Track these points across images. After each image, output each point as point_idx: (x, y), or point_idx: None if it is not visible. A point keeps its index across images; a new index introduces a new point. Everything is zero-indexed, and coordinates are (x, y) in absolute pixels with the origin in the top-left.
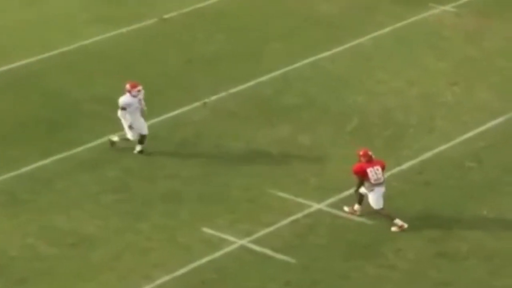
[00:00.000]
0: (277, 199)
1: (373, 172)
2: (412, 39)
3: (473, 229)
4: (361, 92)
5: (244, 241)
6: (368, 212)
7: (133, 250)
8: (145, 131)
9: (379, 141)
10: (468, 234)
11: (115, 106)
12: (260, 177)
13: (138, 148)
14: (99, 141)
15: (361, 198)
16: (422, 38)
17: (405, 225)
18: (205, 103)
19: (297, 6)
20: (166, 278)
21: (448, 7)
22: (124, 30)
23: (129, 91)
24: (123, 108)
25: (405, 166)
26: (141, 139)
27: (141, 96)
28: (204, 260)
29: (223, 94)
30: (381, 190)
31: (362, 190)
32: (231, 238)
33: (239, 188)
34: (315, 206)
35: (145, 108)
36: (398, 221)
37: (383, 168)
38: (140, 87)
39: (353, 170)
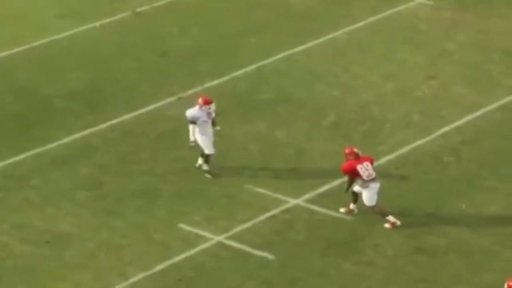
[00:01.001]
0: (254, 195)
1: (364, 169)
2: (387, 32)
3: (452, 224)
4: (337, 87)
5: (221, 238)
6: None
7: (108, 247)
8: (208, 150)
9: (356, 136)
10: (447, 229)
11: (88, 102)
12: (237, 173)
13: (200, 161)
14: (72, 137)
15: (356, 197)
16: (398, 31)
17: (398, 222)
18: (180, 98)
19: None
20: (141, 275)
21: (424, 0)
22: (96, 24)
23: (200, 106)
24: (193, 122)
25: (382, 161)
26: (206, 158)
27: (211, 110)
28: (181, 257)
29: (198, 88)
30: (376, 186)
31: (357, 188)
32: (208, 235)
33: (216, 184)
34: (293, 201)
35: (218, 127)
36: (391, 218)
37: (372, 163)
38: (212, 105)
39: (342, 169)
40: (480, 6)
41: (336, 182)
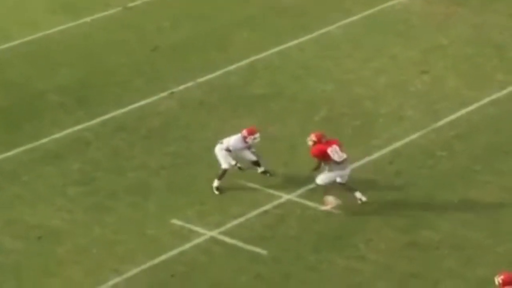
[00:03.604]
0: (246, 190)
1: (334, 151)
2: (380, 27)
3: (444, 218)
4: (329, 81)
5: (213, 233)
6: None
7: (100, 243)
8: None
9: (349, 131)
10: (440, 223)
11: (79, 97)
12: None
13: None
14: (63, 133)
15: (350, 189)
16: (391, 26)
17: (364, 199)
18: (172, 93)
19: None
20: (134, 271)
21: None
22: (88, 19)
23: (245, 137)
24: (228, 150)
25: (375, 155)
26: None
27: (256, 140)
28: (173, 252)
29: (190, 83)
30: (345, 170)
31: (339, 179)
32: (201, 230)
33: (208, 179)
34: (285, 197)
35: (258, 155)
36: (330, 198)
37: (339, 146)
38: (257, 135)
39: (312, 153)
40: (473, 0)
41: None
